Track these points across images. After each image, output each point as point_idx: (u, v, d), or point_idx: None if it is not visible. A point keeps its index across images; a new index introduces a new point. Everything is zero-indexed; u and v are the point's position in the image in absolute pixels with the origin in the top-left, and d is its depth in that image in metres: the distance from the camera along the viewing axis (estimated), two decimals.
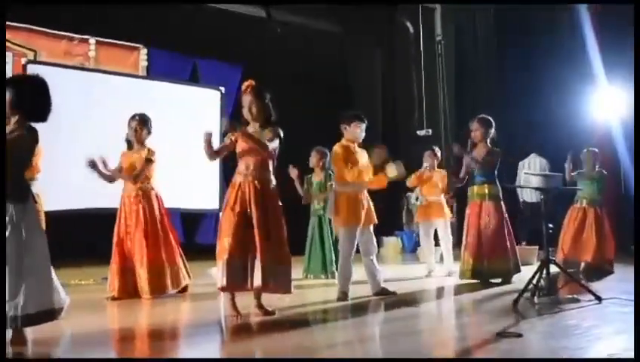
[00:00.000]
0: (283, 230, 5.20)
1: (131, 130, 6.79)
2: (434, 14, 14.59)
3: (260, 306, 5.18)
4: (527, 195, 12.13)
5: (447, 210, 8.82)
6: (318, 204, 8.28)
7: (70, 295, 4.35)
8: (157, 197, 6.86)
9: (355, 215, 6.15)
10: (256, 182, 5.16)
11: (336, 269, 6.96)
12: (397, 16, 15.07)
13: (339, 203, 6.21)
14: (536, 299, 5.50)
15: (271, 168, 5.31)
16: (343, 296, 6.02)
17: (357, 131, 6.34)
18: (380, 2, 14.10)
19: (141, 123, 6.82)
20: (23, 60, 8.36)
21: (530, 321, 4.77)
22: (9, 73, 10.76)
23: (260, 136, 5.24)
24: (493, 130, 7.55)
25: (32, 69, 8.07)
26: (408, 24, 14.93)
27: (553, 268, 5.88)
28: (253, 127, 5.34)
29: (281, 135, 5.32)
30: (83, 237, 9.64)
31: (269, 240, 5.04)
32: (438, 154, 8.97)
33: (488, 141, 7.53)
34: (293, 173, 8.07)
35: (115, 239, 6.63)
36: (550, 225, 6.16)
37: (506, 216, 7.35)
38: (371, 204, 6.40)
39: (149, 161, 6.76)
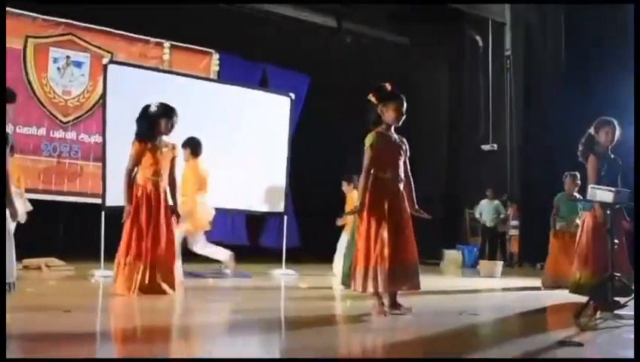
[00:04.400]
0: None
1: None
2: (503, 29, 14.55)
3: (396, 305, 5.22)
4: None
5: None
6: None
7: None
8: None
9: None
10: (400, 185, 5.27)
11: None
12: (466, 29, 15.07)
13: None
14: (598, 314, 5.46)
15: None
16: None
17: None
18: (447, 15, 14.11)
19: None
20: (104, 60, 8.65)
21: (591, 333, 4.76)
22: (86, 73, 11.30)
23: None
24: None
25: (111, 70, 8.34)
26: (477, 38, 14.92)
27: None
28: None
29: None
30: None
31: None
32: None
33: None
34: None
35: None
36: (616, 241, 6.09)
37: None
38: None
39: None
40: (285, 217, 10.00)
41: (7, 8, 10.53)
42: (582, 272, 6.53)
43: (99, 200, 8.32)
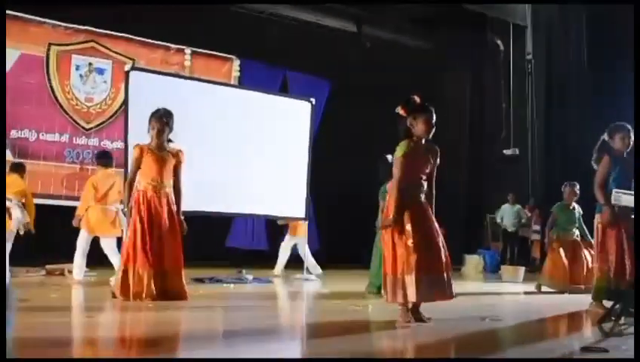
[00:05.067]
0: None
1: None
2: (525, 33, 14.47)
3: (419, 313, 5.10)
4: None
5: None
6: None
7: None
8: None
9: None
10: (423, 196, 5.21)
11: None
12: (487, 34, 15.00)
13: None
14: (622, 320, 5.39)
15: None
16: None
17: None
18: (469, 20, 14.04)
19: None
20: (126, 67, 8.71)
21: (616, 339, 4.70)
22: (108, 79, 11.37)
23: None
24: None
25: (133, 76, 8.38)
26: (499, 42, 14.85)
27: None
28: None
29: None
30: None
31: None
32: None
33: None
34: None
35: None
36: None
37: None
38: None
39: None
40: (306, 222, 10.00)
41: (30, 16, 10.68)
42: (609, 276, 6.19)
43: (121, 206, 8.37)
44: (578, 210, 8.80)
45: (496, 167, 14.95)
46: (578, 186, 8.75)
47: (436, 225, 5.15)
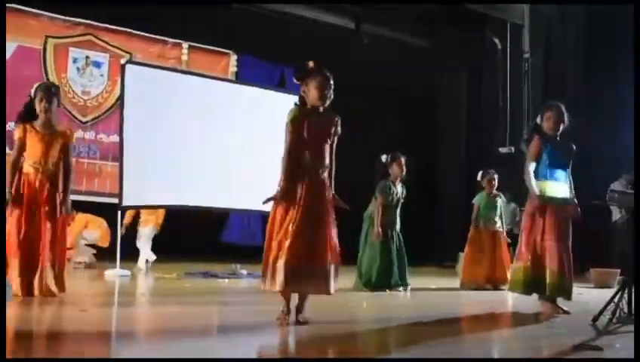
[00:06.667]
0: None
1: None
2: (522, 31, 14.44)
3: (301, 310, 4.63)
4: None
5: None
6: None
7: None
8: None
9: None
10: (323, 171, 4.73)
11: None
12: (485, 32, 14.98)
13: None
14: (615, 319, 5.38)
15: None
16: None
17: None
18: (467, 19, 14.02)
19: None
20: (122, 60, 8.71)
21: (609, 338, 4.70)
22: (105, 73, 11.35)
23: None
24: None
25: (129, 69, 8.38)
26: (496, 41, 14.83)
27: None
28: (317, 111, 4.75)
29: None
30: (167, 232, 9.94)
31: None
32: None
33: None
34: None
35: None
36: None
37: None
38: None
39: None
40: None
41: (27, 8, 10.64)
42: (526, 268, 6.04)
43: (117, 200, 8.35)
44: (502, 199, 9.05)
45: (492, 165, 14.92)
46: (494, 174, 9.04)
47: (329, 206, 4.67)
